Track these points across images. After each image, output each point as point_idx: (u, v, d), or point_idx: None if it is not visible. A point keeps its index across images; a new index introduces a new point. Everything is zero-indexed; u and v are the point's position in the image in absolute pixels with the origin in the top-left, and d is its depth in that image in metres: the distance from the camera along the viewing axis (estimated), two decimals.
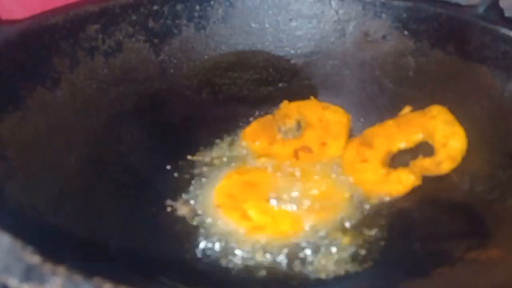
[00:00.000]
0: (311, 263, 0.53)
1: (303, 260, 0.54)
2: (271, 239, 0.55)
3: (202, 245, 0.55)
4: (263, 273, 0.53)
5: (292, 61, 0.74)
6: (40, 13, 0.61)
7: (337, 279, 0.52)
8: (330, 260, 0.54)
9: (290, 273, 0.53)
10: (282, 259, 0.54)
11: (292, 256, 0.54)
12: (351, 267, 0.53)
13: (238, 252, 0.54)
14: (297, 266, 0.53)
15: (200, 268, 0.53)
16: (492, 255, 0.48)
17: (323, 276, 0.52)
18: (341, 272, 0.53)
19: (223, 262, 0.54)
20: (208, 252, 0.55)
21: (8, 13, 0.65)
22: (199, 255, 0.55)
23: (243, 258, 0.54)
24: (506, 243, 0.49)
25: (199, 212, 0.59)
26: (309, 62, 0.73)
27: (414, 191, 0.59)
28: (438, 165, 0.59)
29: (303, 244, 0.55)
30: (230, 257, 0.54)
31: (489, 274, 0.46)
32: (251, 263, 0.54)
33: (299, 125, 0.70)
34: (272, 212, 0.58)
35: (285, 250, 0.55)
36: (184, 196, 0.62)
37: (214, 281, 0.53)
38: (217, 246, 0.55)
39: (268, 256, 0.54)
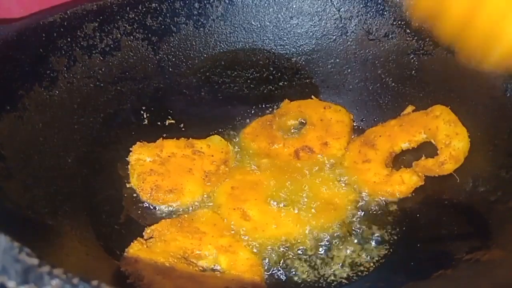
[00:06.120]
0: (312, 266, 0.53)
1: (303, 263, 0.53)
2: (270, 240, 0.55)
3: None
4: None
5: (293, 60, 0.73)
6: (37, 12, 0.61)
7: (339, 282, 0.52)
8: (332, 263, 0.53)
9: (290, 276, 0.52)
10: (281, 261, 0.53)
11: (291, 259, 0.54)
12: (353, 270, 0.52)
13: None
14: (296, 269, 0.53)
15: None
16: (494, 256, 0.48)
17: (324, 279, 0.52)
18: (343, 275, 0.52)
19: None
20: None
21: (6, 12, 0.65)
22: None
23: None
24: (508, 244, 0.48)
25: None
26: (310, 61, 0.73)
27: (416, 191, 0.59)
28: (441, 166, 0.58)
29: (304, 247, 0.54)
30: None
31: (491, 275, 0.45)
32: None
33: (300, 125, 0.70)
34: (272, 213, 0.57)
35: (285, 253, 0.54)
36: None
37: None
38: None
39: (267, 258, 0.54)
